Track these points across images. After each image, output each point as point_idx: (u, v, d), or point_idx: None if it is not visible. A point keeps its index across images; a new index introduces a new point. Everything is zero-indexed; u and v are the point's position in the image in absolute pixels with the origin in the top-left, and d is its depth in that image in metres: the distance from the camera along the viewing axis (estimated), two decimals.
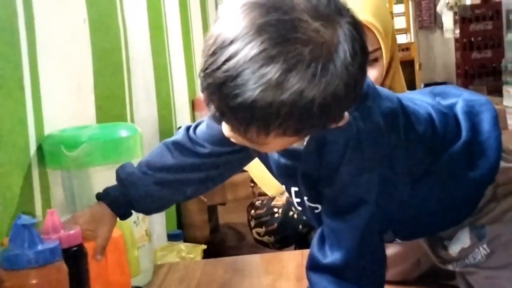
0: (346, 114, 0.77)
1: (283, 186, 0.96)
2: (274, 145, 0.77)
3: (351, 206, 0.83)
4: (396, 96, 0.89)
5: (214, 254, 1.83)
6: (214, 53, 0.70)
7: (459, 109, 0.94)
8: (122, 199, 0.98)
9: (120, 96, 1.68)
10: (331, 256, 0.85)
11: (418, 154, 0.89)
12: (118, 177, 0.99)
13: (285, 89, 0.68)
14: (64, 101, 1.30)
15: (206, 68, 0.71)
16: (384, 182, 0.83)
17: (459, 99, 0.96)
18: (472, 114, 0.94)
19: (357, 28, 0.74)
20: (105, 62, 1.56)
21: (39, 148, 1.13)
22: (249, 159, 1.00)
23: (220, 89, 0.69)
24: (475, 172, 0.91)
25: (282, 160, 0.89)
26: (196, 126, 1.00)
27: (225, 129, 0.77)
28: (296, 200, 0.94)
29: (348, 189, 0.83)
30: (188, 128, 1.00)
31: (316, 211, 0.90)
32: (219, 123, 0.75)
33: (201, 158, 0.98)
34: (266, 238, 1.67)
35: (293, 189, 0.93)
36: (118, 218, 1.00)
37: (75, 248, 0.86)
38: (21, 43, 1.09)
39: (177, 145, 0.99)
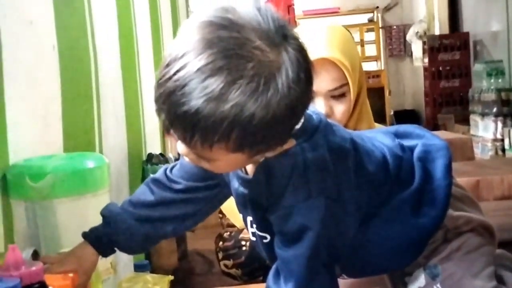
0: (292, 139, 0.81)
1: (241, 216, 0.97)
2: (223, 163, 0.80)
3: (296, 233, 0.85)
4: (351, 136, 0.92)
5: (182, 282, 1.79)
6: (168, 65, 0.75)
7: (416, 154, 0.97)
8: (105, 237, 1.02)
9: (89, 124, 1.66)
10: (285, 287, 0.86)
11: (367, 195, 0.91)
12: (102, 216, 1.04)
13: (227, 101, 0.72)
14: (30, 129, 1.28)
15: (160, 79, 0.76)
16: (331, 216, 0.85)
17: (419, 142, 0.99)
18: (427, 160, 0.97)
19: (303, 56, 0.77)
20: (74, 90, 1.55)
21: (3, 178, 1.11)
22: (224, 195, 1.04)
23: (169, 97, 0.74)
24: (421, 220, 0.94)
25: (240, 189, 0.91)
26: (172, 167, 1.07)
27: (179, 146, 0.81)
28: (251, 230, 0.95)
29: (292, 216, 0.85)
30: (166, 168, 1.07)
31: (265, 240, 0.93)
32: (168, 132, 0.79)
33: (177, 194, 1.03)
34: (233, 271, 1.65)
35: (249, 218, 0.94)
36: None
37: (36, 285, 0.84)
38: None
39: (155, 181, 1.06)
